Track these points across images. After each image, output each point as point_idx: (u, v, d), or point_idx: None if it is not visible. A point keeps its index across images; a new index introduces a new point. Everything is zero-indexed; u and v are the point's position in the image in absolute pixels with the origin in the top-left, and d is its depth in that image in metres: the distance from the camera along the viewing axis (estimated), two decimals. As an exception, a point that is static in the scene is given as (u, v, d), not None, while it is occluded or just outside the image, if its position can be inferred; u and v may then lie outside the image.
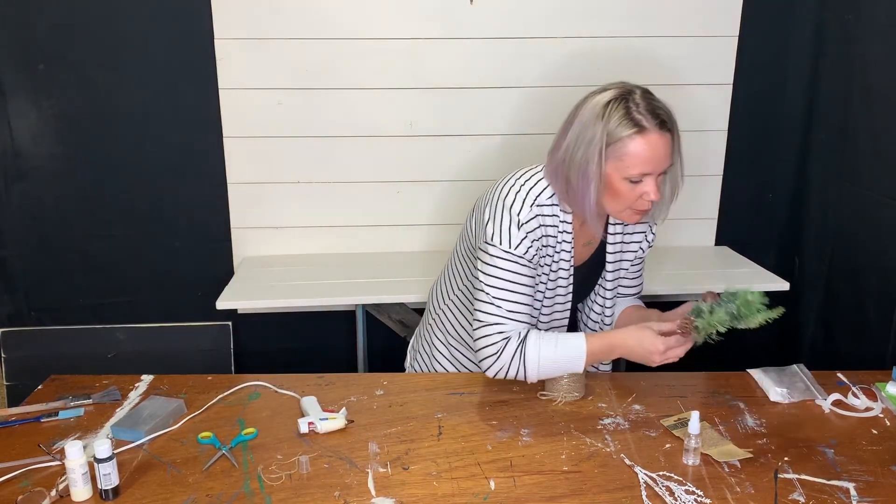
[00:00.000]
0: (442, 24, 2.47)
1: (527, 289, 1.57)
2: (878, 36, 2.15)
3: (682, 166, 1.57)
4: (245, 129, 2.51)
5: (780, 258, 2.69)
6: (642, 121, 1.45)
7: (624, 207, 1.53)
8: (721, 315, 1.40)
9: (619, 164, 1.47)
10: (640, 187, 1.49)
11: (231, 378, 1.72)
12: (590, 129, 1.48)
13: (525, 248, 1.55)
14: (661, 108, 1.48)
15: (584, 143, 1.48)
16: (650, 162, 1.47)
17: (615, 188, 1.50)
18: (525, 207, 1.55)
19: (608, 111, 1.47)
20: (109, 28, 2.38)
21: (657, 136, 1.46)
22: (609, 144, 1.47)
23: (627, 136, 1.45)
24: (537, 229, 1.55)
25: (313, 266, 2.55)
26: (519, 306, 1.56)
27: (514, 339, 1.53)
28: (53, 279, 2.58)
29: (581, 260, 1.68)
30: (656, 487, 1.30)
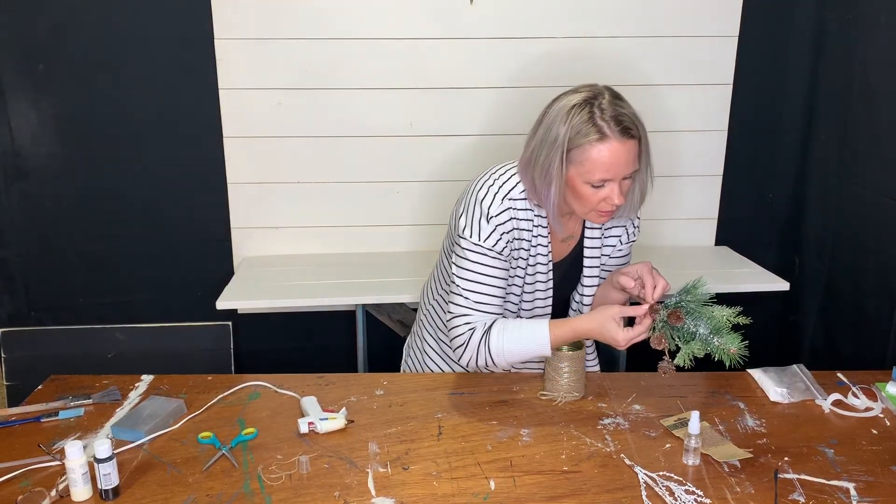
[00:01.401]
0: (442, 24, 2.47)
1: (496, 280, 1.59)
2: (878, 36, 2.15)
3: (650, 170, 1.57)
4: (245, 129, 2.51)
5: (780, 258, 2.69)
6: (604, 128, 1.45)
7: (588, 209, 1.54)
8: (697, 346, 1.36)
9: (580, 169, 1.49)
10: (603, 192, 1.50)
11: (231, 378, 1.72)
12: (553, 131, 1.49)
13: (494, 240, 1.57)
14: (625, 115, 1.47)
15: (548, 144, 1.50)
16: (610, 169, 1.47)
17: (578, 191, 1.51)
18: (496, 201, 1.57)
19: (572, 115, 1.47)
20: (109, 28, 2.39)
21: (618, 143, 1.46)
22: (570, 149, 1.47)
23: (588, 143, 1.46)
24: (508, 222, 1.57)
25: (313, 266, 2.55)
26: (488, 297, 1.59)
27: (479, 329, 1.57)
28: (53, 279, 2.58)
29: (560, 256, 1.69)
30: (656, 487, 1.30)
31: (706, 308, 1.39)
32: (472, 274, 1.59)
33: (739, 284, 2.42)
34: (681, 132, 2.62)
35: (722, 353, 1.27)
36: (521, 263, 1.63)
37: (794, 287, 2.47)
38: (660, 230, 2.72)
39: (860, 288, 2.23)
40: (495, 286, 1.59)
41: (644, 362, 2.22)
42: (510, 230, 1.58)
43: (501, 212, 1.56)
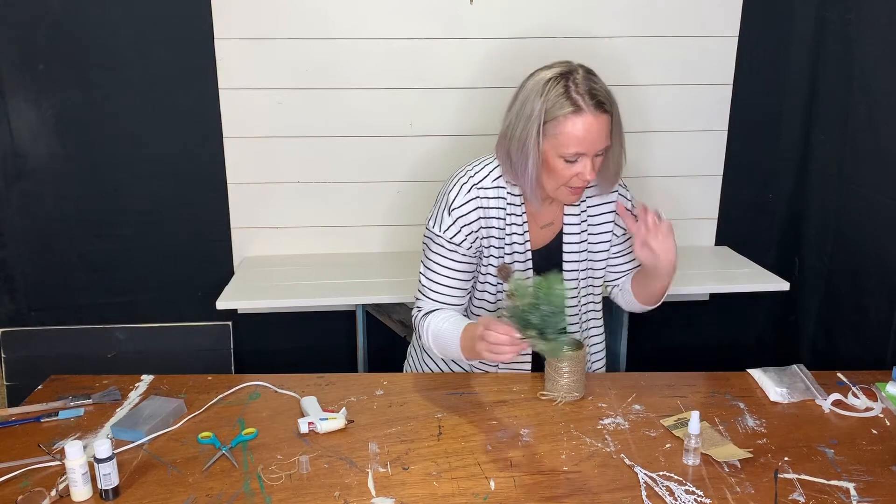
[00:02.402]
0: (442, 24, 2.47)
1: (451, 271, 1.63)
2: (878, 36, 2.15)
3: (623, 147, 1.59)
4: (245, 129, 2.51)
5: (780, 258, 2.69)
6: (579, 100, 1.47)
7: (558, 185, 1.56)
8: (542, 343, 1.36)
9: (554, 142, 1.50)
10: (575, 167, 1.52)
11: (231, 378, 1.72)
12: (528, 105, 1.51)
13: (453, 233, 1.59)
14: (599, 90, 1.50)
15: (524, 118, 1.52)
16: (584, 142, 1.49)
17: (551, 165, 1.53)
18: (461, 193, 1.60)
19: (547, 88, 1.49)
20: (109, 28, 2.38)
21: (592, 117, 1.48)
22: (546, 122, 1.49)
23: (563, 116, 1.48)
24: (473, 212, 1.59)
25: (313, 266, 2.55)
26: (440, 287, 1.63)
27: (421, 312, 1.65)
28: (53, 279, 2.58)
29: (541, 243, 1.69)
30: (656, 487, 1.30)
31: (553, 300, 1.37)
32: (430, 262, 1.64)
33: (739, 284, 2.42)
34: (681, 132, 2.62)
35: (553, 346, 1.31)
36: (495, 252, 1.64)
37: (794, 287, 2.47)
38: (660, 230, 2.71)
39: (860, 288, 2.23)
40: (451, 276, 1.63)
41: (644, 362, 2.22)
42: (474, 220, 1.60)
43: (466, 202, 1.59)
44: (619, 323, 2.50)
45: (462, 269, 1.64)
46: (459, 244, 1.61)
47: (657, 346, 2.71)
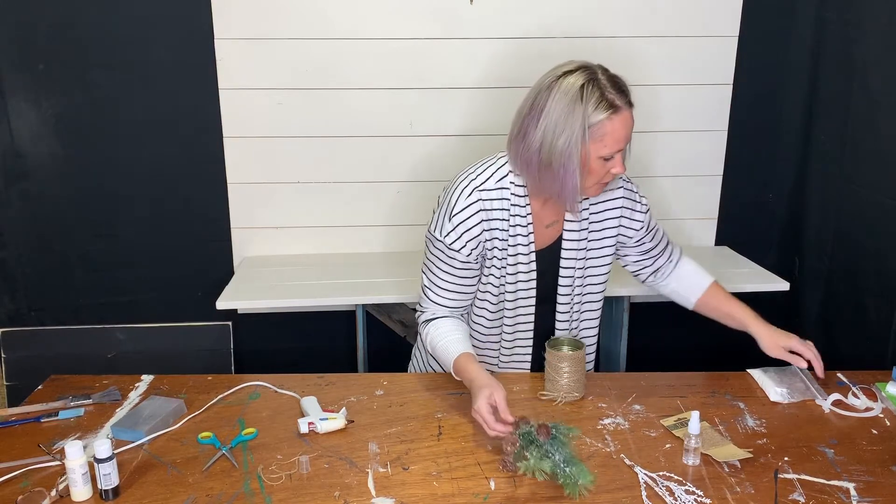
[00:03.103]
0: (442, 24, 2.47)
1: (451, 276, 1.63)
2: (878, 36, 2.15)
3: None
4: (245, 129, 2.51)
5: (780, 258, 2.69)
6: (615, 100, 1.49)
7: (593, 183, 1.57)
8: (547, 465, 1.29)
9: (597, 146, 1.51)
10: (610, 164, 1.54)
11: (231, 378, 1.72)
12: (569, 116, 1.49)
13: (453, 239, 1.60)
14: (624, 85, 1.53)
15: (566, 129, 1.50)
16: (623, 139, 1.52)
17: (591, 168, 1.53)
18: (462, 197, 1.60)
19: (584, 95, 1.49)
20: (109, 28, 2.38)
21: (628, 113, 1.52)
22: (590, 127, 1.50)
23: (606, 118, 1.49)
24: (474, 216, 1.59)
25: (313, 266, 2.55)
26: (441, 291, 1.65)
27: (423, 316, 1.67)
28: (53, 279, 2.58)
29: (546, 243, 1.68)
30: (656, 487, 1.30)
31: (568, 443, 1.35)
32: (430, 265, 1.65)
33: (739, 284, 2.42)
34: (681, 132, 2.62)
35: (568, 481, 1.26)
36: (498, 254, 1.64)
37: (794, 287, 2.47)
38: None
39: (860, 288, 2.23)
40: (451, 282, 1.64)
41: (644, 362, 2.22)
42: (476, 225, 1.59)
43: (467, 206, 1.59)
44: (618, 323, 2.50)
45: (462, 276, 1.64)
46: (459, 251, 1.60)
47: (657, 346, 2.71)
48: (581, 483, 1.25)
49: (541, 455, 1.30)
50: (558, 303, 1.72)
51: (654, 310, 2.72)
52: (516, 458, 1.31)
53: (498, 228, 1.62)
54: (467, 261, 1.62)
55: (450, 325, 1.64)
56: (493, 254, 1.64)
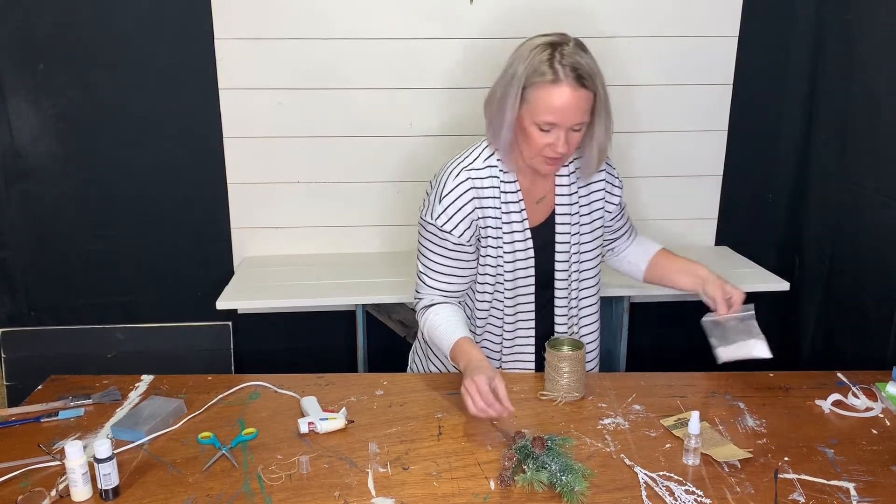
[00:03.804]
0: (442, 23, 2.47)
1: (445, 259, 1.64)
2: (878, 36, 2.15)
3: (608, 131, 1.60)
4: (245, 129, 2.51)
5: (780, 258, 2.69)
6: (559, 71, 1.49)
7: (534, 154, 1.57)
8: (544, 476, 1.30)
9: (530, 108, 1.52)
10: (548, 137, 1.53)
11: (231, 378, 1.72)
12: (513, 68, 1.54)
13: (444, 220, 1.61)
14: (584, 64, 1.50)
15: (507, 80, 1.55)
16: (557, 113, 1.50)
17: (526, 132, 1.55)
18: (451, 180, 1.61)
19: (533, 54, 1.51)
20: (109, 28, 2.38)
21: (570, 89, 1.49)
22: (526, 87, 1.51)
23: (541, 83, 1.50)
24: (465, 195, 1.60)
25: (313, 266, 2.55)
26: (436, 275, 1.65)
27: (421, 303, 1.68)
28: (53, 279, 2.58)
29: (538, 220, 1.69)
30: (656, 487, 1.30)
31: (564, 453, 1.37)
32: (424, 251, 1.66)
33: (739, 284, 2.38)
34: (681, 132, 2.62)
35: (566, 490, 1.27)
36: (493, 233, 1.64)
37: (794, 287, 2.47)
38: (660, 230, 2.72)
39: (860, 288, 2.23)
40: (445, 265, 1.64)
41: (644, 362, 2.22)
42: (467, 203, 1.61)
43: (456, 187, 1.60)
44: (618, 323, 2.50)
45: (456, 258, 1.65)
46: (450, 232, 1.62)
47: (657, 346, 2.71)
48: (577, 490, 1.26)
49: (537, 467, 1.31)
50: (556, 288, 1.72)
51: (654, 310, 2.72)
52: (514, 473, 1.32)
53: (491, 206, 1.63)
54: (459, 242, 1.63)
55: (448, 311, 1.65)
56: (487, 233, 1.64)
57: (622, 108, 2.58)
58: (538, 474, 1.30)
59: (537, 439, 1.36)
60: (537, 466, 1.32)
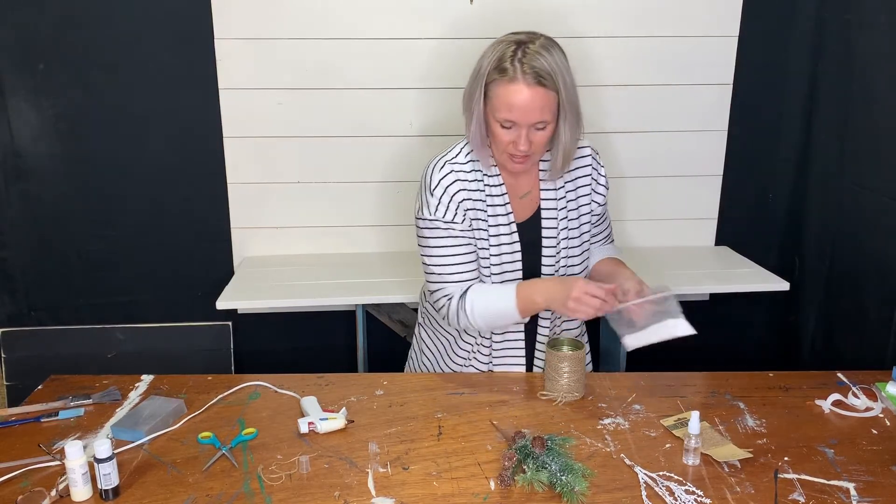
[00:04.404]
0: (442, 24, 2.47)
1: (457, 248, 1.64)
2: (878, 36, 2.15)
3: (573, 129, 1.58)
4: (245, 129, 2.51)
5: (780, 258, 2.69)
6: (517, 69, 1.49)
7: (501, 151, 1.58)
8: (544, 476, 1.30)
9: (491, 105, 1.54)
10: (511, 134, 1.54)
11: (231, 378, 1.72)
12: (478, 64, 1.56)
13: (443, 211, 1.61)
14: (544, 64, 1.50)
15: (474, 76, 1.57)
16: (514, 110, 1.51)
17: (491, 128, 1.56)
18: (436, 171, 1.63)
19: (496, 51, 1.53)
20: (109, 28, 2.38)
21: (526, 87, 1.49)
22: (488, 83, 1.53)
23: (500, 79, 1.51)
24: (452, 185, 1.61)
25: (313, 266, 2.55)
26: (453, 267, 1.64)
27: (455, 297, 1.64)
28: (53, 279, 2.58)
29: (524, 215, 1.69)
30: (656, 487, 1.30)
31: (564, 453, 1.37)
32: (431, 248, 1.64)
33: (739, 284, 2.42)
34: (681, 132, 2.62)
35: (566, 490, 1.27)
36: (482, 225, 1.64)
37: (794, 287, 2.47)
38: (660, 230, 2.72)
39: (860, 288, 2.23)
40: (458, 254, 1.64)
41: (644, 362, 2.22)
42: (456, 192, 1.62)
43: (443, 177, 1.62)
44: (619, 323, 2.49)
45: (464, 242, 1.64)
46: (452, 220, 1.62)
47: (657, 347, 2.71)
48: (577, 490, 1.26)
49: (537, 467, 1.31)
50: None
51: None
52: (514, 473, 1.32)
53: (477, 199, 1.63)
54: (464, 228, 1.63)
55: (484, 287, 1.65)
56: (477, 225, 1.64)
57: (622, 108, 2.58)
58: (538, 474, 1.30)
59: (537, 439, 1.36)
60: (537, 466, 1.32)
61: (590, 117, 2.54)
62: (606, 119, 2.58)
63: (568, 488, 1.27)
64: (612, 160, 2.61)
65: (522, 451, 1.35)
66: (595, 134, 2.58)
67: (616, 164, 2.62)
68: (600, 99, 2.55)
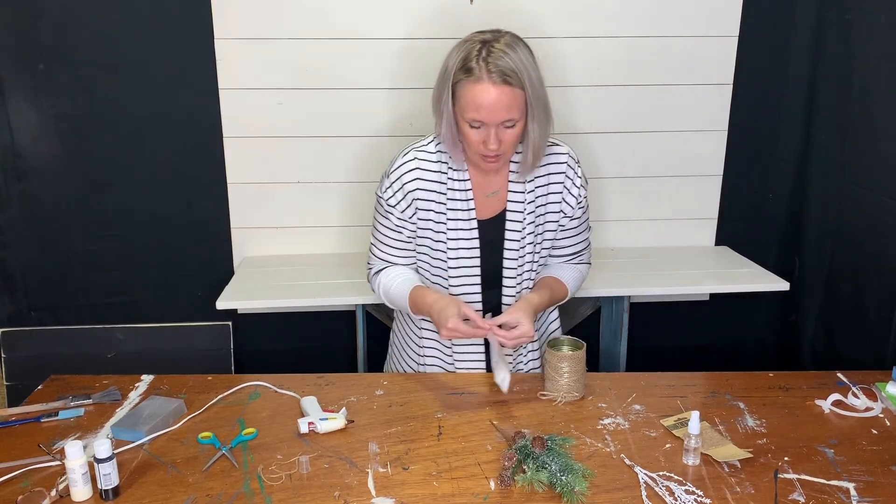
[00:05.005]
0: (442, 23, 2.47)
1: (390, 232, 1.69)
2: (878, 36, 2.15)
3: (542, 126, 1.58)
4: (245, 129, 2.51)
5: (780, 258, 2.69)
6: (482, 68, 1.49)
7: (473, 151, 1.59)
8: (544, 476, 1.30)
9: (459, 105, 1.54)
10: (480, 134, 1.54)
11: (231, 378, 1.72)
12: (446, 63, 1.56)
13: (389, 195, 1.66)
14: (508, 62, 1.49)
15: (441, 76, 1.57)
16: (480, 110, 1.50)
17: (461, 128, 1.57)
18: (399, 158, 1.66)
19: (459, 51, 1.53)
20: (109, 28, 2.38)
21: (492, 86, 1.49)
22: (454, 83, 1.53)
23: (465, 80, 1.51)
24: (409, 173, 1.64)
25: (313, 266, 2.55)
26: (384, 246, 1.72)
27: (373, 270, 1.78)
28: (53, 279, 2.58)
29: (489, 213, 1.69)
30: (656, 487, 1.30)
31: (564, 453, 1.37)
32: (375, 223, 1.73)
33: (739, 284, 2.42)
34: (681, 132, 2.62)
35: (565, 490, 1.27)
36: (434, 217, 1.65)
37: (794, 287, 2.47)
38: (660, 230, 2.72)
39: (860, 288, 2.23)
40: (390, 237, 1.70)
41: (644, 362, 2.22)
42: (410, 181, 1.64)
43: (403, 164, 1.65)
44: (618, 323, 2.50)
45: (402, 231, 1.69)
46: (395, 206, 1.66)
47: (657, 346, 2.71)
48: (577, 490, 1.26)
49: (537, 467, 1.31)
50: (504, 286, 1.70)
51: (654, 310, 2.72)
52: (514, 473, 1.32)
53: (435, 191, 1.64)
54: (402, 218, 1.67)
55: (398, 270, 1.72)
56: (427, 216, 1.65)
57: (622, 109, 2.58)
58: (538, 474, 1.30)
59: (537, 439, 1.36)
60: (537, 466, 1.32)
61: (590, 117, 2.57)
62: (606, 119, 2.58)
63: (568, 488, 1.27)
64: (611, 160, 2.62)
65: (522, 451, 1.35)
66: (595, 134, 2.58)
67: (616, 164, 2.62)
68: (601, 99, 2.55)
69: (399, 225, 1.68)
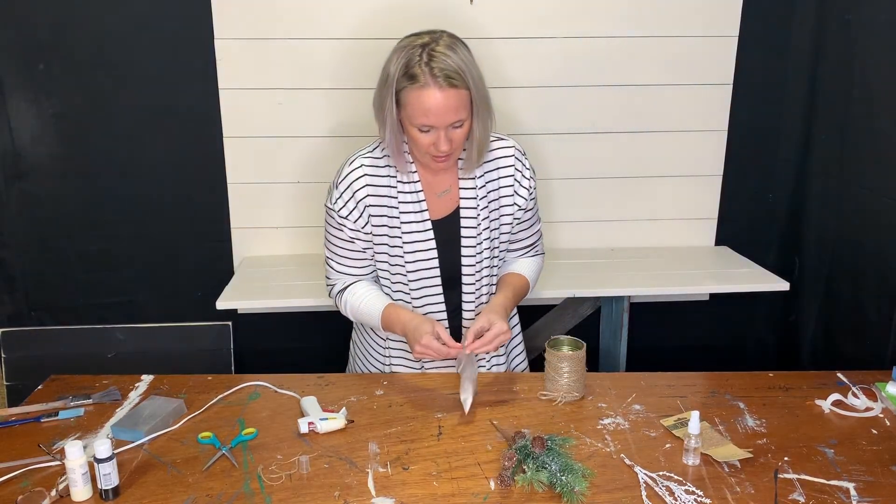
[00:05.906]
0: (442, 24, 2.44)
1: (345, 243, 1.68)
2: (878, 36, 2.15)
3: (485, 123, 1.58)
4: (245, 129, 2.51)
5: (780, 258, 2.69)
6: (424, 74, 1.48)
7: (423, 153, 1.58)
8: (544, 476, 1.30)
9: (406, 112, 1.53)
10: (430, 137, 1.53)
11: (231, 378, 1.72)
12: (386, 71, 1.54)
13: (342, 204, 1.64)
14: (451, 64, 1.49)
15: (382, 83, 1.56)
16: (430, 115, 1.50)
17: (409, 134, 1.56)
18: (346, 167, 1.66)
19: (399, 56, 1.52)
20: (109, 28, 2.38)
21: (438, 90, 1.49)
22: (398, 91, 1.52)
23: (410, 87, 1.50)
24: (358, 180, 1.63)
25: (313, 266, 2.55)
26: (341, 259, 1.70)
27: (336, 287, 1.75)
28: (53, 279, 2.58)
29: (442, 213, 1.68)
30: (656, 487, 1.30)
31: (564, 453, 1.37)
32: (328, 235, 1.72)
33: (739, 284, 2.42)
34: (681, 132, 2.62)
35: (565, 490, 1.27)
36: (388, 221, 1.64)
37: (794, 287, 2.47)
38: (660, 230, 2.72)
39: (860, 288, 2.23)
40: (346, 248, 1.69)
41: (644, 362, 2.22)
42: (360, 189, 1.63)
43: (351, 172, 1.64)
44: (618, 323, 2.50)
45: (357, 242, 1.68)
46: (347, 217, 1.65)
47: (657, 346, 2.71)
48: (577, 490, 1.26)
49: (537, 467, 1.31)
50: (464, 284, 1.70)
51: (654, 310, 2.72)
52: (514, 473, 1.32)
53: (386, 196, 1.63)
54: (356, 228, 1.66)
55: (365, 287, 1.70)
56: (382, 222, 1.64)
57: (623, 109, 2.58)
58: (538, 474, 1.30)
59: (537, 439, 1.36)
60: (537, 466, 1.32)
61: (590, 117, 2.57)
62: (607, 119, 2.58)
63: (568, 488, 1.27)
64: (612, 160, 2.62)
65: (522, 451, 1.35)
66: (595, 134, 2.58)
67: (616, 164, 2.62)
68: (601, 99, 2.55)
69: (353, 236, 1.67)
